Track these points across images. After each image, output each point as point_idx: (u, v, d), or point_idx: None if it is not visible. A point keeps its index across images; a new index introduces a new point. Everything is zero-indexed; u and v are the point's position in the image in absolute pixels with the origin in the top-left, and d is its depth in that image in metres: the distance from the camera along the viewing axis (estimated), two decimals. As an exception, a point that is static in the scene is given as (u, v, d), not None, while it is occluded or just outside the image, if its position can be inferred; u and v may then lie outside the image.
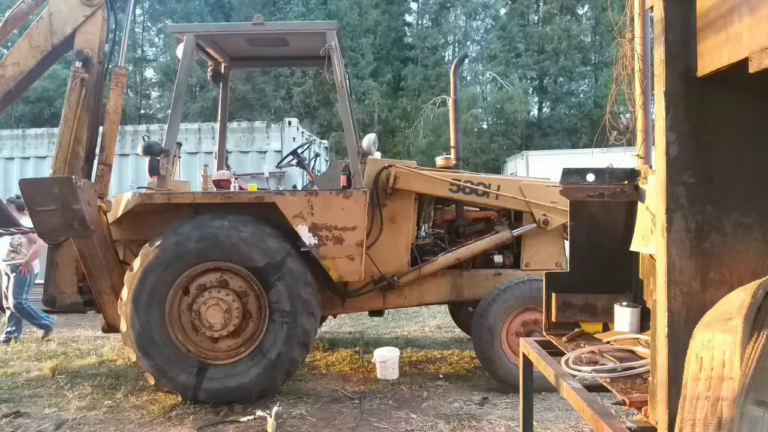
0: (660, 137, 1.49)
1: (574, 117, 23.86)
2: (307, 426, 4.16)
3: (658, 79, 1.49)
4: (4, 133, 10.59)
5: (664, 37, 1.46)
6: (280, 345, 4.49)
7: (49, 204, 4.31)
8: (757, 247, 1.48)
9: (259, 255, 4.47)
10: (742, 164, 1.48)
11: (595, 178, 2.64)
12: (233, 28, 6.56)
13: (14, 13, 4.90)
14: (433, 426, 4.11)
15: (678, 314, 1.48)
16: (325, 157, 12.25)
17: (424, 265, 5.13)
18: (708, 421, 1.24)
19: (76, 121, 4.78)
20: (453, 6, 25.99)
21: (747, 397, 1.18)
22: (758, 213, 1.48)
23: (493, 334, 4.75)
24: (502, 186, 5.23)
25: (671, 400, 1.46)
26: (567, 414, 4.23)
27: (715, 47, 1.37)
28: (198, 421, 4.23)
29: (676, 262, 1.48)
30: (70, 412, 4.47)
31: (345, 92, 4.88)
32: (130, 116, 21.42)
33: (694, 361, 1.33)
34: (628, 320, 2.46)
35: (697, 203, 1.47)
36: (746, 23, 1.25)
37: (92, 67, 4.83)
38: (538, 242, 5.26)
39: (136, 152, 9.07)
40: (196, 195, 4.81)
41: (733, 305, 1.29)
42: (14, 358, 6.18)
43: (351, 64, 21.34)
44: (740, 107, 1.46)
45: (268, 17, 11.37)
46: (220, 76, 5.75)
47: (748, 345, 1.21)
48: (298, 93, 21.44)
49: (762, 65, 1.18)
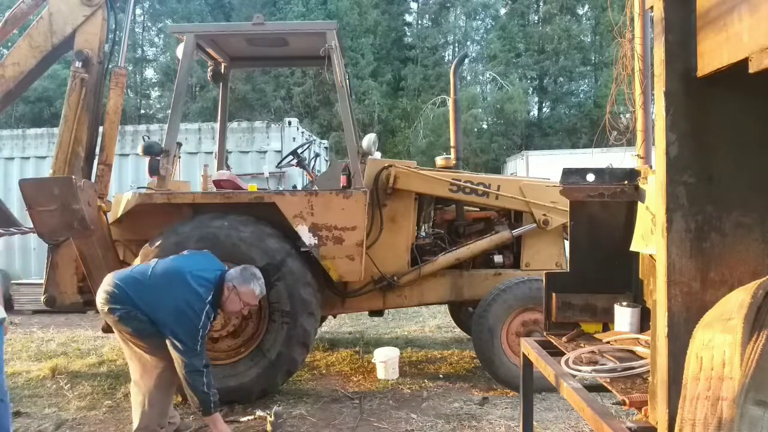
0: (660, 137, 1.49)
1: (574, 117, 23.84)
2: (307, 426, 4.16)
3: (658, 79, 1.49)
4: (4, 133, 10.57)
5: (664, 37, 1.46)
6: (280, 345, 4.49)
7: (49, 204, 4.31)
8: (757, 247, 1.49)
9: (259, 255, 4.46)
10: (742, 164, 1.48)
11: (595, 178, 2.64)
12: (233, 28, 6.55)
13: (14, 13, 4.90)
14: (433, 426, 4.11)
15: (678, 314, 1.48)
16: (325, 157, 12.24)
17: (424, 265, 5.13)
18: (708, 421, 1.24)
19: (76, 121, 4.78)
20: (453, 6, 25.97)
21: (747, 397, 1.18)
22: (758, 213, 1.48)
23: (493, 334, 4.75)
24: (502, 186, 5.23)
25: (671, 400, 1.46)
26: (567, 414, 4.23)
27: (715, 47, 1.37)
28: (197, 421, 4.23)
29: (676, 262, 1.48)
30: (70, 412, 4.47)
31: (345, 92, 4.88)
32: (130, 116, 21.40)
33: (694, 361, 1.33)
34: (628, 320, 2.47)
35: (697, 203, 1.47)
36: (746, 23, 1.25)
37: (92, 67, 4.83)
38: (538, 242, 5.25)
39: (136, 152, 9.05)
40: (196, 195, 4.81)
41: (733, 305, 1.29)
42: (14, 358, 6.17)
43: (351, 64, 21.34)
44: (740, 107, 1.46)
45: (268, 17, 11.37)
46: (220, 76, 5.75)
47: (748, 345, 1.21)
48: (298, 93, 21.42)
49: (762, 65, 1.18)
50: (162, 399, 3.66)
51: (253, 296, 3.65)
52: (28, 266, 10.03)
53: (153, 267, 3.66)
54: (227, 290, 3.59)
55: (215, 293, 3.56)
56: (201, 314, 3.44)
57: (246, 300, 3.64)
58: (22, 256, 10.05)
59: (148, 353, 3.59)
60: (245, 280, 3.62)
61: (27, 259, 10.04)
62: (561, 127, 23.64)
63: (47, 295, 4.89)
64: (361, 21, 23.24)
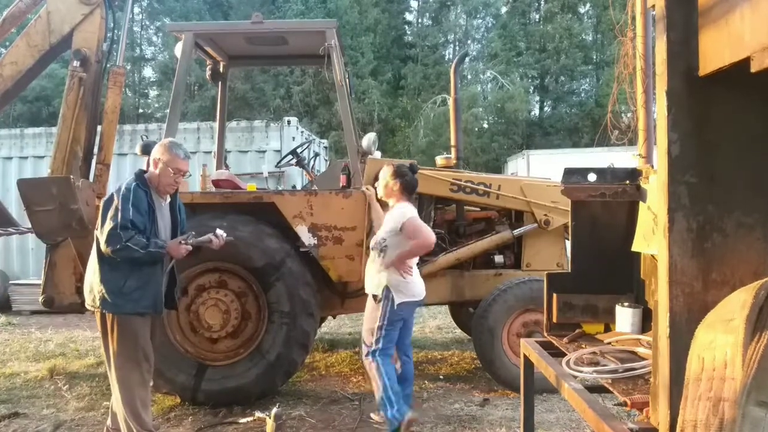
0: (662, 136, 1.48)
1: (576, 116, 23.83)
2: (307, 427, 4.15)
3: (660, 78, 1.48)
4: (2, 132, 10.57)
5: (666, 35, 1.46)
6: (279, 346, 4.47)
7: (47, 204, 4.30)
8: (759, 247, 1.48)
9: (258, 255, 4.46)
10: (743, 164, 1.47)
11: (597, 178, 2.63)
12: (232, 26, 6.54)
13: (12, 11, 4.88)
14: (434, 427, 4.10)
15: (680, 315, 1.47)
16: (325, 157, 12.22)
17: (424, 265, 5.11)
18: (710, 421, 1.24)
19: (74, 121, 4.76)
20: (453, 4, 25.97)
21: (749, 397, 1.17)
22: (760, 213, 1.48)
23: (494, 334, 4.73)
24: (503, 186, 5.22)
25: (673, 401, 1.45)
26: (568, 415, 4.22)
27: (716, 46, 1.36)
28: (197, 422, 4.22)
29: (677, 262, 1.47)
30: (68, 413, 4.46)
31: (345, 91, 4.87)
32: (129, 115, 21.38)
33: (695, 361, 1.33)
34: (630, 321, 2.46)
35: (698, 203, 1.47)
36: (748, 22, 1.24)
37: (90, 66, 4.81)
38: (539, 242, 5.24)
39: (134, 152, 9.00)
40: (194, 195, 4.79)
41: (735, 306, 1.28)
42: (12, 358, 6.17)
43: (351, 62, 21.32)
44: (742, 106, 1.46)
45: (267, 16, 11.33)
46: (219, 75, 5.74)
47: (750, 345, 1.20)
48: (297, 92, 21.41)
49: (763, 64, 1.17)
50: (129, 398, 3.38)
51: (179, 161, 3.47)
52: (26, 266, 10.01)
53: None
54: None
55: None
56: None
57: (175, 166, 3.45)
58: (20, 257, 10.04)
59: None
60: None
61: (25, 259, 10.02)
62: (562, 126, 23.64)
63: (45, 295, 4.88)
64: (361, 19, 23.24)
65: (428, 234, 3.87)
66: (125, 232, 3.22)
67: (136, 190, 3.33)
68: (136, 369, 3.39)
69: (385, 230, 3.93)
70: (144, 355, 3.43)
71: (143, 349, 3.43)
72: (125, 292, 3.33)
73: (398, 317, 3.86)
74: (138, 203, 3.31)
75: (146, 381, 3.47)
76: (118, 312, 3.36)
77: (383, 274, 3.85)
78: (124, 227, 3.22)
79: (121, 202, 3.27)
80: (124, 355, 3.37)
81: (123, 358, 3.37)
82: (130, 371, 3.38)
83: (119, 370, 3.38)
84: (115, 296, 3.32)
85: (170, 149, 3.46)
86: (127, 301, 3.34)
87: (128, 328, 3.38)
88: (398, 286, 3.83)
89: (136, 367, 3.39)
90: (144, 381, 3.45)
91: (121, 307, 3.34)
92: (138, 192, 3.34)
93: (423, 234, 3.82)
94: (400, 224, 3.83)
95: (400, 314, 3.87)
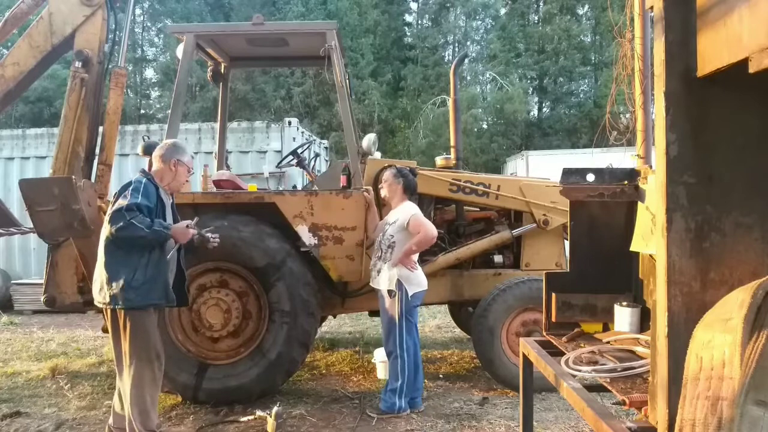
0: (660, 137, 1.49)
1: (574, 117, 23.81)
2: (307, 426, 4.16)
3: (658, 79, 1.49)
4: (4, 133, 10.57)
5: (664, 36, 1.46)
6: (280, 345, 4.48)
7: (49, 204, 4.30)
8: (757, 247, 1.48)
9: (259, 255, 4.47)
10: (742, 164, 1.48)
11: (595, 178, 2.64)
12: (233, 28, 6.55)
13: (14, 13, 4.89)
14: (433, 426, 4.11)
15: (678, 314, 1.48)
16: (325, 157, 12.23)
17: (424, 265, 5.12)
18: (708, 421, 1.24)
19: (76, 121, 4.77)
20: (453, 6, 25.94)
21: (747, 397, 1.18)
22: (758, 213, 1.48)
23: (493, 334, 4.75)
24: (502, 186, 5.23)
25: (671, 400, 1.46)
26: (567, 414, 4.23)
27: (715, 47, 1.37)
28: (198, 421, 4.23)
29: (676, 262, 1.48)
30: (70, 412, 4.47)
31: (345, 92, 4.88)
32: (130, 116, 21.37)
33: (694, 361, 1.33)
34: (628, 320, 2.47)
35: (697, 203, 1.47)
36: (746, 23, 1.25)
37: (92, 67, 4.82)
38: (538, 242, 5.25)
39: (136, 152, 9.04)
40: (196, 195, 4.80)
41: (733, 305, 1.29)
42: (14, 358, 6.18)
43: (351, 64, 21.32)
44: (740, 107, 1.46)
45: (267, 17, 11.32)
46: (220, 76, 5.75)
47: (748, 345, 1.21)
48: (298, 93, 21.41)
49: (762, 65, 1.18)
50: (139, 396, 3.40)
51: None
52: (28, 266, 10.03)
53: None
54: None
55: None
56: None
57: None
58: (22, 256, 10.06)
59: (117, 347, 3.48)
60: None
61: (27, 259, 10.04)
62: (561, 127, 23.62)
63: (47, 295, 4.89)
64: (360, 21, 23.23)
65: (430, 228, 4.28)
66: (130, 213, 3.29)
67: (147, 185, 3.48)
68: (148, 367, 3.42)
69: (393, 228, 4.30)
70: (156, 353, 3.46)
71: (155, 346, 3.46)
72: (134, 286, 3.35)
73: (414, 305, 4.35)
74: (147, 194, 3.44)
75: (158, 379, 3.50)
76: (130, 307, 3.37)
77: (394, 270, 4.25)
78: (130, 209, 3.31)
79: (131, 192, 3.38)
80: (137, 353, 3.39)
81: (135, 357, 3.39)
82: (143, 369, 3.41)
83: (131, 369, 3.39)
84: (125, 291, 3.34)
85: (184, 150, 3.70)
86: (137, 295, 3.35)
87: (140, 326, 3.39)
88: (409, 278, 4.28)
89: (148, 365, 3.42)
90: (155, 379, 3.48)
91: (132, 302, 3.36)
92: (149, 186, 3.49)
93: (425, 229, 4.24)
94: (406, 221, 4.24)
95: (415, 303, 4.35)
